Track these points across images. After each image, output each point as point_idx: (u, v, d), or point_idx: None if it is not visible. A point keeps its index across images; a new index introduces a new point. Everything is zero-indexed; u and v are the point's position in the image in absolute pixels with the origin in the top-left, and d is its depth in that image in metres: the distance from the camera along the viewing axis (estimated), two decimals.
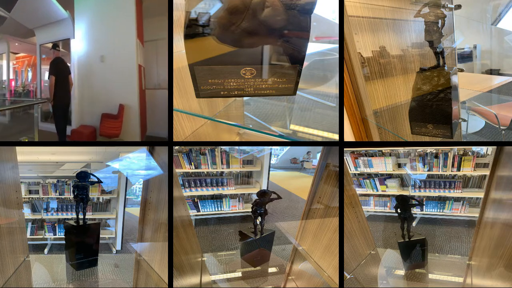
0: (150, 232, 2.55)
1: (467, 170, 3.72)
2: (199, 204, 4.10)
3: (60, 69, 3.77)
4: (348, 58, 2.36)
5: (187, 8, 1.36)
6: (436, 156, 3.77)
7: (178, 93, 2.10)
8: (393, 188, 4.01)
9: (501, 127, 3.17)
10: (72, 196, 3.39)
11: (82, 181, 2.92)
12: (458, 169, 3.74)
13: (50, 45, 4.10)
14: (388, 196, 4.04)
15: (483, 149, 3.69)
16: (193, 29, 1.37)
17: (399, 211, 2.83)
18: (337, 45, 2.27)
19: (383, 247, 3.24)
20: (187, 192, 4.03)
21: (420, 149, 3.80)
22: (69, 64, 3.92)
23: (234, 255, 3.38)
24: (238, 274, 3.14)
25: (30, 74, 4.62)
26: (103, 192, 3.93)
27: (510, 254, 2.12)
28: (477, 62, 3.52)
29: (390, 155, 3.97)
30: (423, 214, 3.94)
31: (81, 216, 2.93)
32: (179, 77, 2.10)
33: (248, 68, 1.48)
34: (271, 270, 3.12)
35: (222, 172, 4.12)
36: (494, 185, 2.39)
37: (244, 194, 4.23)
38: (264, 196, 2.87)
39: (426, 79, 2.09)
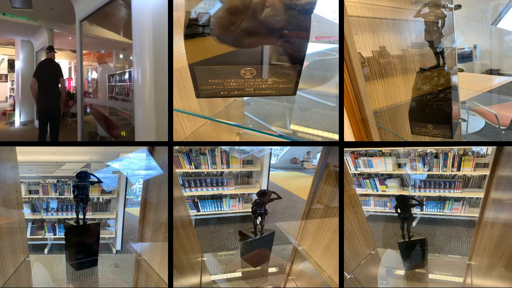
0: (150, 232, 2.55)
1: (467, 170, 3.72)
2: (199, 204, 4.10)
3: (44, 71, 3.53)
4: (348, 58, 2.36)
5: (187, 8, 1.36)
6: (436, 156, 3.77)
7: (178, 93, 2.10)
8: (393, 188, 4.01)
9: (501, 127, 3.17)
10: (72, 196, 3.39)
11: (82, 181, 2.92)
12: (458, 169, 3.74)
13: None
14: (388, 196, 4.04)
15: (483, 149, 3.70)
16: (193, 29, 1.37)
17: (399, 211, 2.83)
18: (337, 45, 2.26)
19: (383, 247, 3.23)
20: (187, 192, 4.03)
21: (420, 149, 3.80)
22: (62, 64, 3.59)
23: (234, 255, 3.38)
24: (238, 274, 3.14)
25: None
26: (103, 192, 3.93)
27: (510, 254, 2.12)
28: (477, 62, 3.52)
29: (390, 155, 3.98)
30: (423, 214, 3.94)
31: (81, 216, 2.93)
32: (179, 77, 2.10)
33: (248, 68, 1.48)
34: (271, 270, 3.12)
35: (222, 172, 4.12)
36: (494, 185, 2.39)
37: (244, 194, 4.23)
38: (264, 196, 2.87)
39: (426, 79, 2.09)
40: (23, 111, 4.16)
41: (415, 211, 3.82)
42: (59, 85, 3.58)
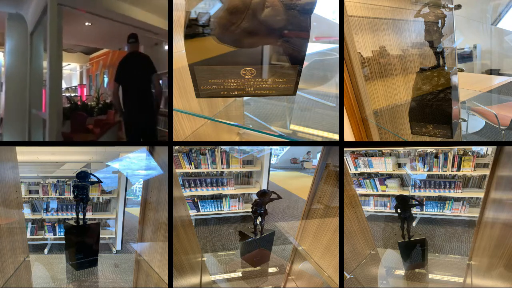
0: (150, 232, 2.55)
1: (467, 170, 3.72)
2: (199, 204, 4.10)
3: (130, 70, 2.66)
4: (348, 58, 2.36)
5: (187, 8, 1.36)
6: (436, 156, 3.77)
7: (178, 93, 2.10)
8: (393, 188, 4.01)
9: (501, 127, 3.17)
10: (72, 196, 3.39)
11: (82, 181, 2.93)
12: (458, 169, 3.74)
13: None
14: (388, 196, 4.04)
15: (483, 149, 3.69)
16: (193, 29, 1.37)
17: (399, 211, 2.83)
18: (337, 45, 2.27)
19: (383, 247, 3.24)
20: (187, 192, 4.03)
21: (420, 149, 3.80)
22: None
23: (234, 255, 3.38)
24: (238, 274, 3.14)
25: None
26: (103, 192, 3.93)
27: (510, 254, 2.12)
28: (477, 62, 3.52)
29: (390, 155, 3.97)
30: (423, 214, 3.94)
31: (81, 216, 2.93)
32: (179, 77, 2.10)
33: (248, 68, 1.48)
34: (271, 270, 3.12)
35: (222, 172, 4.12)
36: (494, 185, 2.39)
37: (244, 194, 4.23)
38: (264, 196, 2.87)
39: (426, 79, 2.10)
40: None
41: (415, 211, 3.81)
42: (151, 86, 2.61)
